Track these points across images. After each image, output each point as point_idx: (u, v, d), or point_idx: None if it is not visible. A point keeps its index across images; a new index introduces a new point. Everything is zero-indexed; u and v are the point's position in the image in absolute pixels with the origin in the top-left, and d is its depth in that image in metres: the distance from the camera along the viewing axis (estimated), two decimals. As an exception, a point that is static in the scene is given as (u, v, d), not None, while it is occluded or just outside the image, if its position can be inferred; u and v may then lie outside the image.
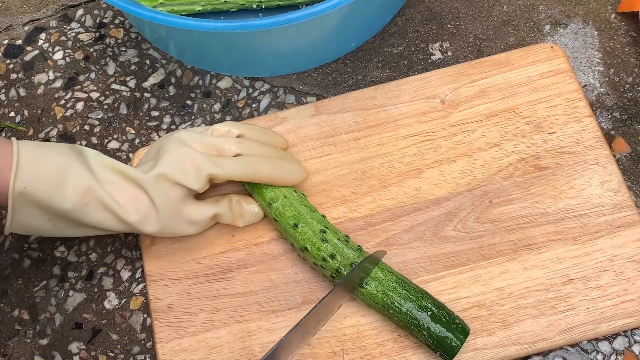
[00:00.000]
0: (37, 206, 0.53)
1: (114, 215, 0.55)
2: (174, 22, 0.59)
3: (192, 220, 0.58)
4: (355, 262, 0.56)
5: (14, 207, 0.52)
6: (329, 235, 0.58)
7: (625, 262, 0.59)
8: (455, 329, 0.54)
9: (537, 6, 0.73)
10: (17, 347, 0.62)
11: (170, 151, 0.57)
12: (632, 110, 0.68)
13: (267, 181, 0.59)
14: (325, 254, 0.57)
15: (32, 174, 0.52)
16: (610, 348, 0.59)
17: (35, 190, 0.52)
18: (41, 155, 0.53)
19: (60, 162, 0.54)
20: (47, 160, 0.53)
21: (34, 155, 0.53)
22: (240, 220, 0.61)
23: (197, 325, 0.59)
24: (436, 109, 0.66)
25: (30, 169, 0.52)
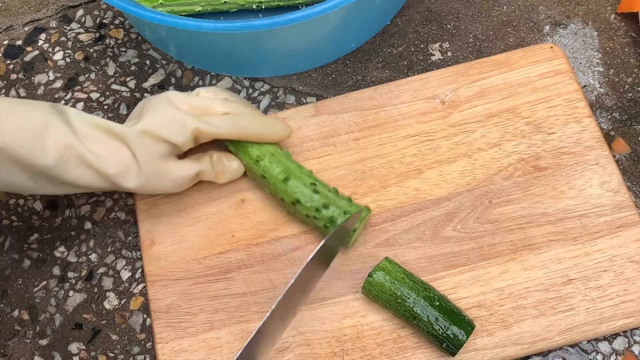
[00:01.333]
0: (16, 163, 0.52)
1: (94, 170, 0.55)
2: (174, 23, 0.59)
3: (174, 178, 0.59)
4: (348, 211, 0.58)
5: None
6: (319, 187, 0.59)
7: (625, 262, 0.59)
8: (462, 320, 0.55)
9: (536, 7, 0.73)
10: (17, 347, 0.62)
11: (155, 108, 0.57)
12: (632, 110, 0.68)
13: (253, 138, 0.60)
14: (318, 204, 0.58)
15: (11, 130, 0.52)
16: (610, 348, 0.59)
17: (13, 146, 0.51)
18: (20, 112, 0.53)
19: (39, 118, 0.53)
20: (26, 116, 0.53)
21: (12, 111, 0.53)
22: (221, 177, 0.62)
23: (197, 326, 0.59)
24: (436, 109, 0.66)
25: (8, 126, 0.52)
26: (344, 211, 0.58)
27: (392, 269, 0.57)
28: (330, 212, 0.58)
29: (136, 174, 0.56)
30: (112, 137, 0.56)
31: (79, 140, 0.54)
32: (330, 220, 0.58)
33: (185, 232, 0.63)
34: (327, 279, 0.60)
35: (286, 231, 0.62)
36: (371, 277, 0.56)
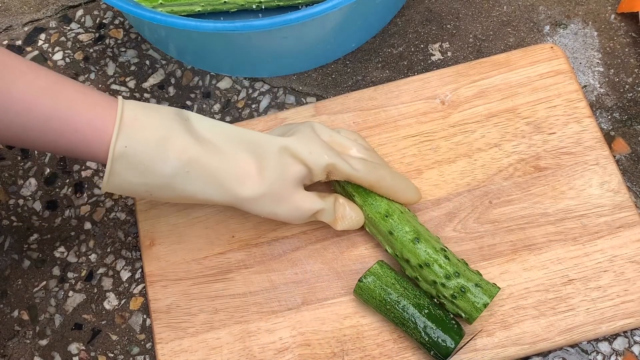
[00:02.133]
0: (136, 169, 0.51)
1: (216, 184, 0.53)
2: (174, 23, 0.59)
3: (296, 206, 0.56)
4: (479, 283, 0.55)
5: (112, 166, 0.50)
6: (449, 254, 0.56)
7: (625, 263, 0.59)
8: (451, 329, 0.54)
9: (537, 7, 0.73)
10: (16, 347, 0.62)
11: (300, 132, 0.56)
12: (632, 110, 0.68)
13: (385, 191, 0.58)
14: (449, 271, 0.55)
15: (135, 135, 0.50)
16: (610, 348, 0.59)
17: (136, 151, 0.50)
18: (146, 117, 0.51)
19: (165, 126, 0.51)
20: (152, 122, 0.51)
21: (139, 116, 0.51)
22: (339, 223, 0.59)
23: (197, 326, 0.59)
24: (436, 109, 0.66)
25: (133, 130, 0.50)
26: (475, 283, 0.55)
27: (383, 273, 0.56)
28: (461, 281, 0.54)
29: (258, 184, 0.54)
30: (242, 149, 0.54)
31: (204, 150, 0.52)
32: (461, 290, 0.54)
33: (185, 232, 0.63)
34: (327, 279, 0.60)
35: (286, 231, 0.62)
36: (361, 282, 0.56)
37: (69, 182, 0.68)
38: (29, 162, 0.69)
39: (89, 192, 0.68)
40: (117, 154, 0.50)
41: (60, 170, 0.69)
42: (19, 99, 0.48)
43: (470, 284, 0.55)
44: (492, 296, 0.54)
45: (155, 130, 0.51)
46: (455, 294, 0.55)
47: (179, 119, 0.53)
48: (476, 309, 0.54)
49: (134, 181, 0.51)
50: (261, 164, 0.54)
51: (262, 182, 0.54)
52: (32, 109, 0.48)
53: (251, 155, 0.54)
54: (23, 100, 0.48)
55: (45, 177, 0.69)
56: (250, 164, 0.54)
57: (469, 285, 0.54)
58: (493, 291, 0.55)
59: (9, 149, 0.70)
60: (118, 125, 0.50)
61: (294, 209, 0.56)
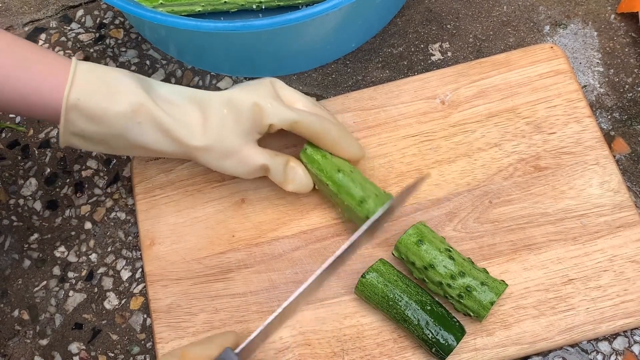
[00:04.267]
0: (89, 118, 0.53)
1: (166, 134, 0.55)
2: (175, 23, 0.59)
3: (245, 161, 0.57)
4: (485, 282, 0.55)
5: (66, 118, 0.52)
6: (455, 254, 0.56)
7: (625, 262, 0.59)
8: (453, 326, 0.54)
9: (536, 7, 0.73)
10: (17, 347, 0.62)
11: (250, 84, 0.58)
12: (632, 110, 0.68)
13: (330, 143, 0.58)
14: (454, 271, 0.55)
15: (87, 87, 0.52)
16: (610, 348, 0.59)
17: (88, 103, 0.52)
18: (99, 70, 0.53)
19: (117, 79, 0.54)
20: (105, 77, 0.53)
21: (92, 70, 0.53)
22: (290, 184, 0.60)
23: (197, 326, 0.59)
24: (436, 109, 0.66)
25: (86, 83, 0.52)
26: (481, 282, 0.55)
27: (386, 270, 0.56)
28: (466, 280, 0.55)
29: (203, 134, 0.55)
30: (191, 102, 0.56)
31: (155, 104, 0.54)
32: (467, 289, 0.54)
33: (185, 232, 0.63)
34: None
35: (286, 231, 0.62)
36: (364, 278, 0.56)
37: (69, 182, 0.68)
38: (29, 162, 0.69)
39: (89, 192, 0.68)
40: (71, 104, 0.52)
41: (61, 170, 0.69)
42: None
43: (476, 282, 0.55)
44: (499, 293, 0.55)
45: (107, 83, 0.53)
46: (461, 294, 0.55)
47: (133, 76, 0.55)
48: (483, 307, 0.54)
49: (88, 130, 0.53)
50: (205, 114, 0.56)
51: (207, 132, 0.55)
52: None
53: (198, 108, 0.56)
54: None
55: (46, 177, 0.69)
56: (197, 116, 0.55)
57: (474, 284, 0.55)
58: (500, 288, 0.55)
59: (9, 149, 0.70)
60: (71, 79, 0.52)
61: (241, 163, 0.57)
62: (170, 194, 0.64)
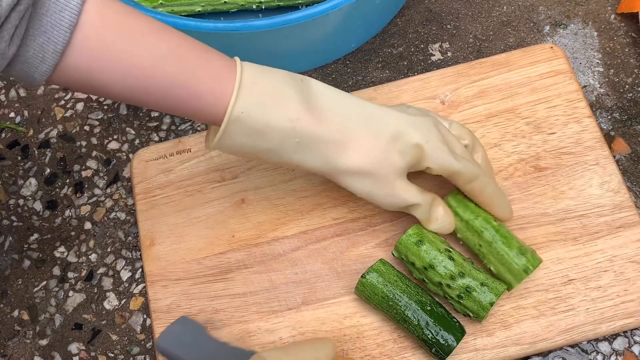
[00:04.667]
0: (248, 134, 0.51)
1: (321, 154, 0.52)
2: (174, 23, 0.59)
3: (397, 195, 0.54)
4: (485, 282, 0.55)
5: (226, 128, 0.50)
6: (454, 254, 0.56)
7: (625, 263, 0.59)
8: (452, 326, 0.54)
9: (536, 7, 0.73)
10: (17, 347, 0.62)
11: (419, 119, 0.55)
12: (632, 110, 0.68)
13: (483, 200, 0.57)
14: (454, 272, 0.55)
15: (252, 100, 0.50)
16: (610, 348, 0.59)
17: (251, 117, 0.50)
18: (264, 80, 0.51)
19: (281, 91, 0.51)
20: (269, 86, 0.51)
21: (257, 80, 0.51)
22: (432, 224, 0.57)
23: (197, 326, 0.59)
24: (436, 109, 0.66)
25: (250, 96, 0.50)
26: (481, 283, 0.55)
27: (386, 271, 0.56)
28: (466, 281, 0.54)
29: (362, 158, 0.52)
30: (355, 117, 0.53)
31: (313, 118, 0.51)
32: (466, 290, 0.54)
33: (185, 232, 0.63)
34: (327, 279, 0.60)
35: (286, 231, 0.62)
36: (364, 279, 0.56)
37: (69, 182, 0.68)
38: (29, 162, 0.69)
39: (89, 192, 0.68)
40: (234, 118, 0.50)
41: (61, 170, 0.69)
42: (139, 64, 0.47)
43: (475, 283, 0.55)
44: (498, 294, 0.54)
45: (272, 95, 0.51)
46: (461, 294, 0.55)
47: (295, 84, 0.52)
48: (483, 308, 0.54)
49: (245, 144, 0.51)
50: (372, 140, 0.53)
51: (368, 158, 0.53)
52: (154, 76, 0.48)
53: (364, 128, 0.53)
54: (143, 67, 0.47)
55: (46, 177, 0.69)
56: (360, 136, 0.53)
57: (474, 284, 0.55)
58: (500, 289, 0.55)
59: (9, 149, 0.70)
60: (237, 91, 0.50)
61: (393, 196, 0.55)
62: (170, 194, 0.64)
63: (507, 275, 0.56)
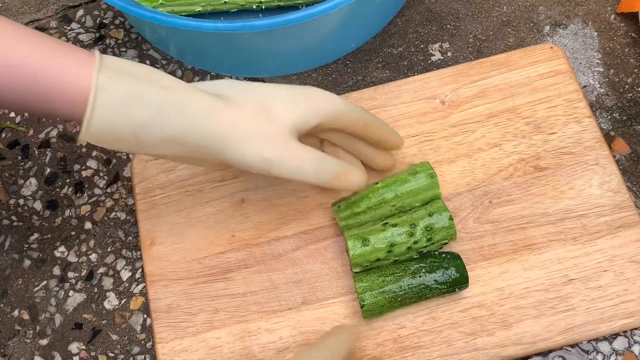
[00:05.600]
0: (120, 102, 0.46)
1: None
2: (175, 23, 0.60)
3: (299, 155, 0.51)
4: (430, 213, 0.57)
5: (95, 100, 0.45)
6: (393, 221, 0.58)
7: (625, 263, 0.59)
8: (449, 260, 0.57)
9: (536, 7, 0.73)
10: (17, 347, 0.62)
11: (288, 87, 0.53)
12: (632, 111, 0.68)
13: (377, 135, 0.57)
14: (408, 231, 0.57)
15: (117, 67, 0.47)
16: (610, 348, 0.59)
17: (120, 82, 0.46)
18: (126, 62, 0.48)
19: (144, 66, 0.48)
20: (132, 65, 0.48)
21: (118, 60, 0.48)
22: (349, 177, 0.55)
23: (197, 326, 0.59)
24: (436, 109, 0.66)
25: (114, 66, 0.47)
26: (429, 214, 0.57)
27: (370, 282, 0.56)
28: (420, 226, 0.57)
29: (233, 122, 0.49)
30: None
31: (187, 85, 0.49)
32: (427, 230, 0.57)
33: (185, 232, 0.63)
34: (327, 279, 0.60)
35: (286, 231, 0.62)
36: (364, 305, 0.56)
37: (69, 182, 0.68)
38: (29, 162, 0.69)
39: (89, 192, 0.68)
40: (100, 83, 0.45)
41: (61, 170, 0.69)
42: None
43: (425, 220, 0.57)
44: (444, 207, 0.57)
45: (139, 70, 0.48)
46: (429, 237, 0.57)
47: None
48: (449, 227, 0.57)
49: (118, 119, 0.46)
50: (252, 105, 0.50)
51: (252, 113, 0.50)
52: (9, 58, 0.44)
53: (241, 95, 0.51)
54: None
55: (46, 177, 0.69)
56: (238, 103, 0.50)
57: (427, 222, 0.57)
58: (440, 204, 0.58)
59: (9, 149, 0.70)
60: (98, 63, 0.46)
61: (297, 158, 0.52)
62: (170, 194, 0.64)
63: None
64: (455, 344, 0.57)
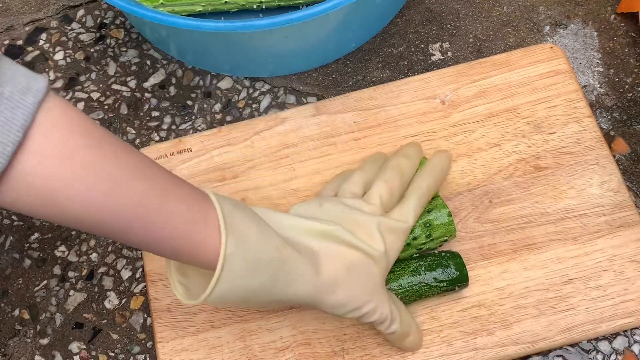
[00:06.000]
0: (245, 267, 0.45)
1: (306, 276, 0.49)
2: (175, 23, 0.60)
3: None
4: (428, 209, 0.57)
5: (222, 270, 0.44)
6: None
7: (625, 262, 0.59)
8: (449, 257, 0.57)
9: (537, 7, 0.73)
10: (17, 346, 0.62)
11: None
12: (632, 110, 0.68)
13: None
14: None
15: (238, 230, 0.45)
16: (610, 348, 0.59)
17: (244, 248, 0.45)
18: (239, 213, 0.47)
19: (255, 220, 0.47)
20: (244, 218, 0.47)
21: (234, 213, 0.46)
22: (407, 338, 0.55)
23: (198, 325, 0.59)
24: (436, 109, 0.66)
25: (234, 226, 0.45)
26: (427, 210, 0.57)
27: None
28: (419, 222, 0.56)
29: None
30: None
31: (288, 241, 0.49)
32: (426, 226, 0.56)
33: (185, 231, 0.63)
34: (328, 278, 0.60)
35: (286, 231, 0.62)
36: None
37: (70, 181, 0.68)
38: (29, 161, 0.69)
39: (90, 191, 0.68)
40: (228, 255, 0.44)
41: (61, 169, 0.69)
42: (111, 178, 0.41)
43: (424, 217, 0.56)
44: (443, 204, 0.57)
45: (252, 224, 0.47)
46: (428, 233, 0.57)
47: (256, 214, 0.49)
48: (449, 224, 0.57)
49: (237, 287, 0.46)
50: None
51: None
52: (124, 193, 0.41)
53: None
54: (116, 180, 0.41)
55: (46, 177, 0.69)
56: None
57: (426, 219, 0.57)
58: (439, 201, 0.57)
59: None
60: (223, 225, 0.44)
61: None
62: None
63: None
64: (455, 343, 0.57)
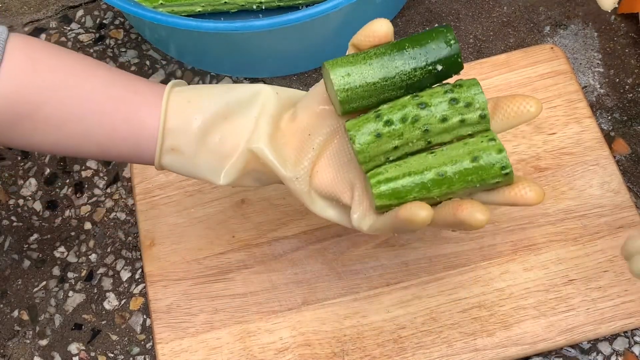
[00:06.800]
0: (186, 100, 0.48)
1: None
2: (175, 23, 0.60)
3: None
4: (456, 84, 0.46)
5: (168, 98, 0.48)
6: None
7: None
8: (440, 32, 0.45)
9: (537, 7, 0.73)
10: (16, 347, 0.62)
11: None
12: (632, 111, 0.68)
13: None
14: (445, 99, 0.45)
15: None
16: (611, 349, 0.59)
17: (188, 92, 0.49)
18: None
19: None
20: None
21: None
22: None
23: (197, 326, 0.59)
24: (436, 109, 0.66)
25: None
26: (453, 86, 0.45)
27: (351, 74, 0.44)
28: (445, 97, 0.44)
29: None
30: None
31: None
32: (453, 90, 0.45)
33: (185, 232, 0.63)
34: (327, 279, 0.60)
35: (286, 232, 0.62)
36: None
37: (69, 182, 0.68)
38: (29, 162, 0.69)
39: (89, 192, 0.68)
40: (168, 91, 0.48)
41: (61, 170, 0.69)
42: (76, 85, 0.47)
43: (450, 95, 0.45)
44: (475, 82, 0.46)
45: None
46: (453, 99, 0.45)
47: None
48: (476, 84, 0.46)
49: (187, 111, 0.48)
50: None
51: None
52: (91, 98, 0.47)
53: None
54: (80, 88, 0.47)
55: (45, 177, 0.69)
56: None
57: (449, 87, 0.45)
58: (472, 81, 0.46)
59: (9, 149, 0.70)
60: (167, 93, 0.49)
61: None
62: (170, 194, 0.64)
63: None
64: (456, 344, 0.57)
